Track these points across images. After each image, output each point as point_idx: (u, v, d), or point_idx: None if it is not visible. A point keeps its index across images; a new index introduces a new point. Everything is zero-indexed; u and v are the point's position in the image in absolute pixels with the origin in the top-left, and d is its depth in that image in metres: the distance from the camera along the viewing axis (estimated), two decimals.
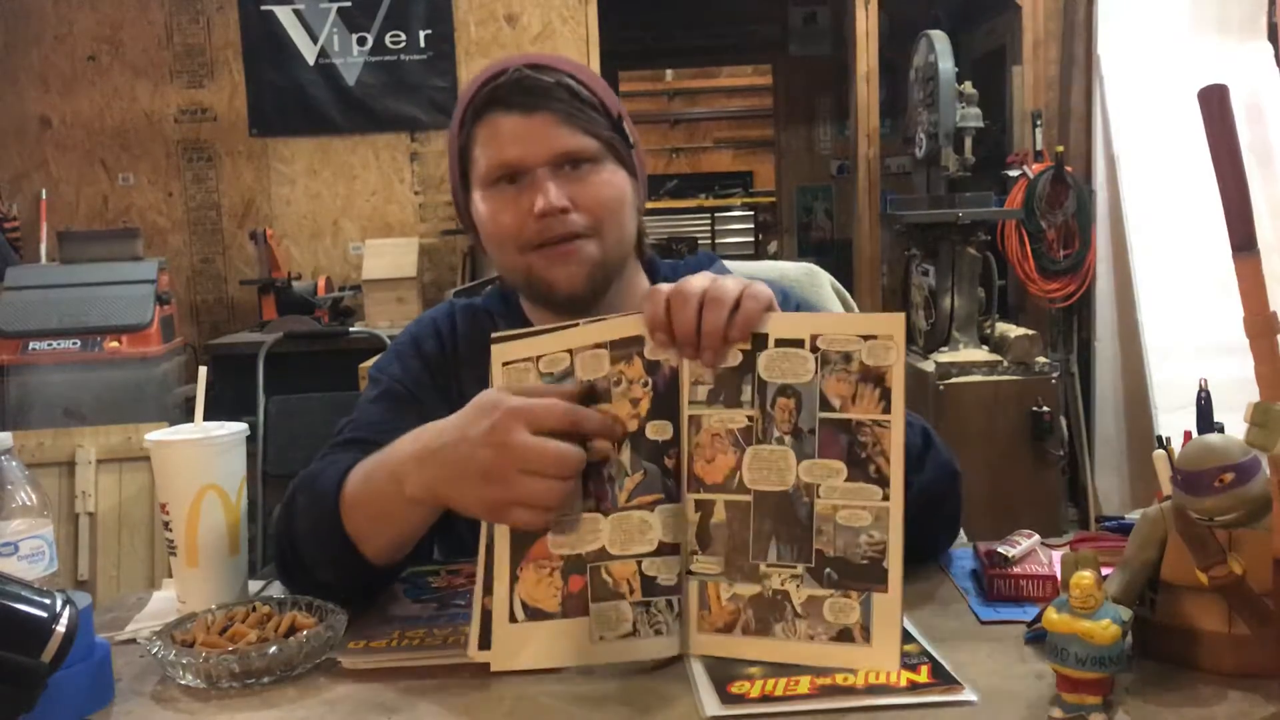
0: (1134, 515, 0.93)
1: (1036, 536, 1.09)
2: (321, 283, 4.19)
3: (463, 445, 0.87)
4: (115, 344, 3.60)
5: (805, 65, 6.20)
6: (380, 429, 1.14)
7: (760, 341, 0.87)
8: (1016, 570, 1.00)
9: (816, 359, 0.86)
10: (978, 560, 1.05)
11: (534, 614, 0.87)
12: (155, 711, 0.85)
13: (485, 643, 0.88)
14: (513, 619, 0.87)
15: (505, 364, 0.92)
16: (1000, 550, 1.02)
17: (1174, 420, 3.51)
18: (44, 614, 0.73)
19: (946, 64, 3.79)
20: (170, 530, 1.05)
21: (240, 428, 1.07)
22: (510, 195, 1.13)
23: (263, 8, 4.37)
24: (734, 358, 0.88)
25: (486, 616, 0.88)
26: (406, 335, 1.28)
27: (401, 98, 4.41)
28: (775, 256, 6.88)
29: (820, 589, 0.85)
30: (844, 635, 0.84)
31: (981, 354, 3.68)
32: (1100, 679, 0.74)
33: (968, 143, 3.83)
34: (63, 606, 0.74)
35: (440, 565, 1.15)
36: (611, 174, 1.15)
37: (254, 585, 1.12)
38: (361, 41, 4.39)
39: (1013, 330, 3.73)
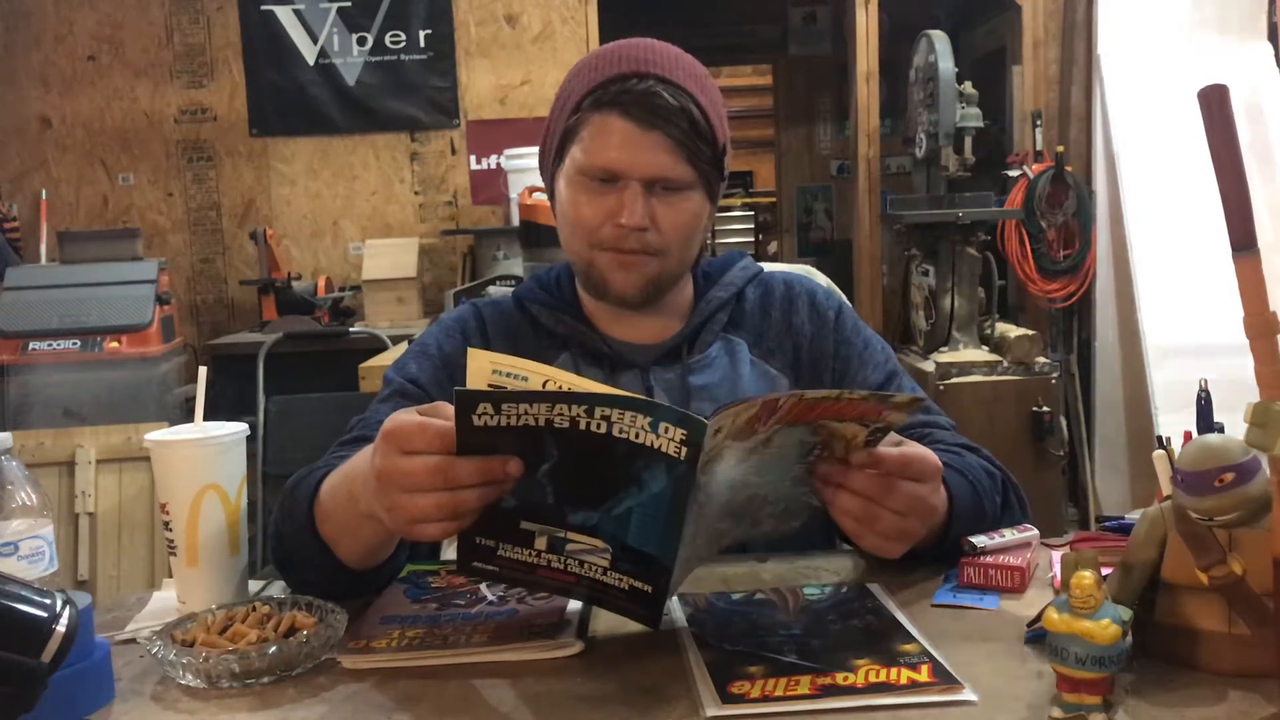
0: (1134, 515, 0.93)
1: (1034, 531, 1.10)
2: (321, 283, 4.19)
3: (369, 471, 0.88)
4: (115, 344, 3.60)
5: (805, 65, 6.20)
6: None
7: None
8: (987, 560, 1.02)
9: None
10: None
11: None
12: (155, 711, 0.85)
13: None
14: None
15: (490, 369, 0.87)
16: (972, 539, 1.04)
17: (1174, 420, 3.51)
18: (44, 614, 0.73)
19: (946, 64, 3.79)
20: (170, 530, 1.05)
21: (240, 428, 1.07)
22: (598, 192, 1.17)
23: (263, 8, 4.37)
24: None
25: None
26: (427, 336, 1.29)
27: (401, 98, 4.42)
28: (775, 257, 6.88)
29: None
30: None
31: (981, 354, 3.68)
32: (1100, 679, 0.74)
33: (968, 143, 3.83)
34: (63, 606, 0.74)
35: (440, 565, 1.15)
36: (694, 202, 1.19)
37: (254, 585, 1.12)
38: (361, 41, 4.39)
39: (1013, 330, 3.73)
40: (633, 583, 0.87)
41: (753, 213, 8.61)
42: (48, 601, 0.74)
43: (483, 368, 0.85)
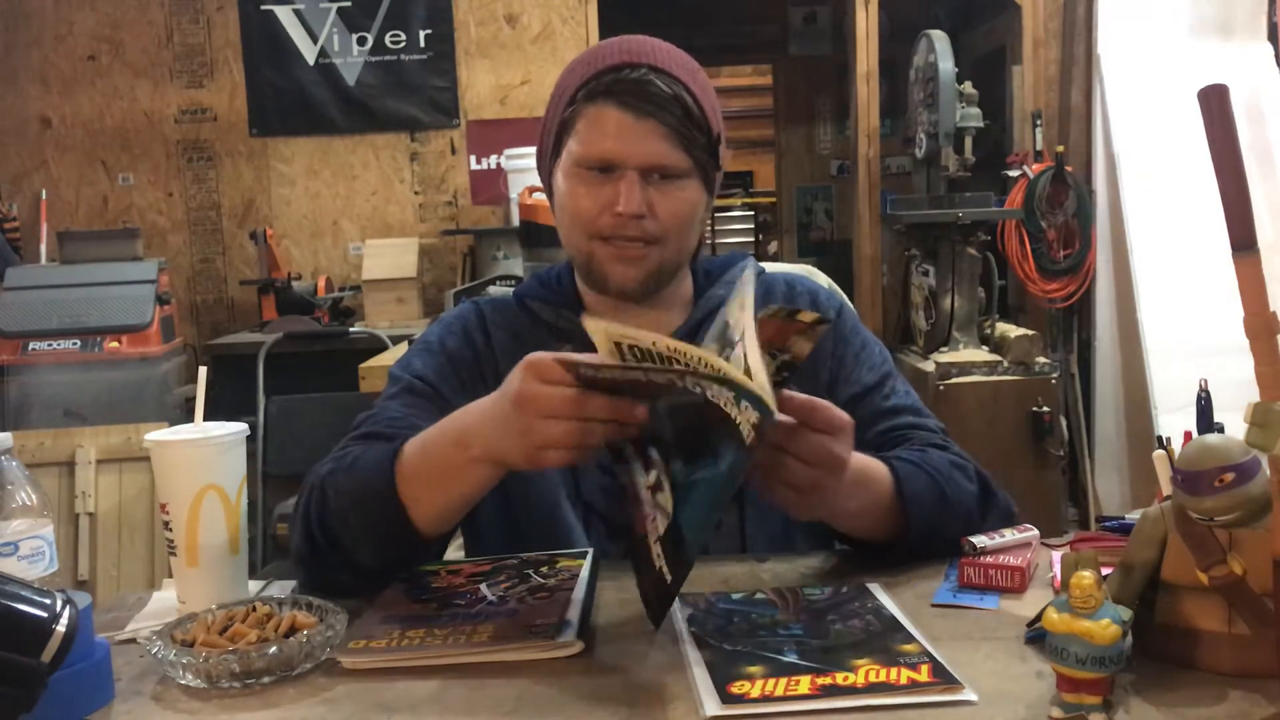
0: (1134, 515, 0.93)
1: (1034, 531, 1.10)
2: (321, 283, 4.19)
3: (500, 403, 0.94)
4: (115, 344, 3.60)
5: (805, 65, 6.20)
6: (399, 424, 1.15)
7: None
8: (987, 560, 1.02)
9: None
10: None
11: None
12: (155, 711, 0.85)
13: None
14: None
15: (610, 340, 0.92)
16: (973, 540, 1.04)
17: (1174, 420, 3.51)
18: (44, 614, 0.73)
19: (946, 64, 3.79)
20: (170, 530, 1.05)
21: (240, 428, 1.07)
22: (596, 183, 1.17)
23: (263, 8, 4.37)
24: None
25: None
26: (431, 334, 1.30)
27: (401, 98, 4.42)
28: (775, 257, 6.88)
29: None
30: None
31: (981, 354, 3.68)
32: (1100, 679, 0.74)
33: (968, 143, 3.83)
34: (63, 606, 0.74)
35: (441, 565, 1.15)
36: (692, 191, 1.19)
37: (254, 585, 1.12)
38: (361, 41, 4.39)
39: (1013, 330, 3.73)
40: (663, 565, 0.89)
41: (753, 213, 8.62)
42: (48, 601, 0.74)
43: (603, 338, 0.90)
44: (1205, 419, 1.04)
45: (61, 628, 0.73)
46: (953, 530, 1.09)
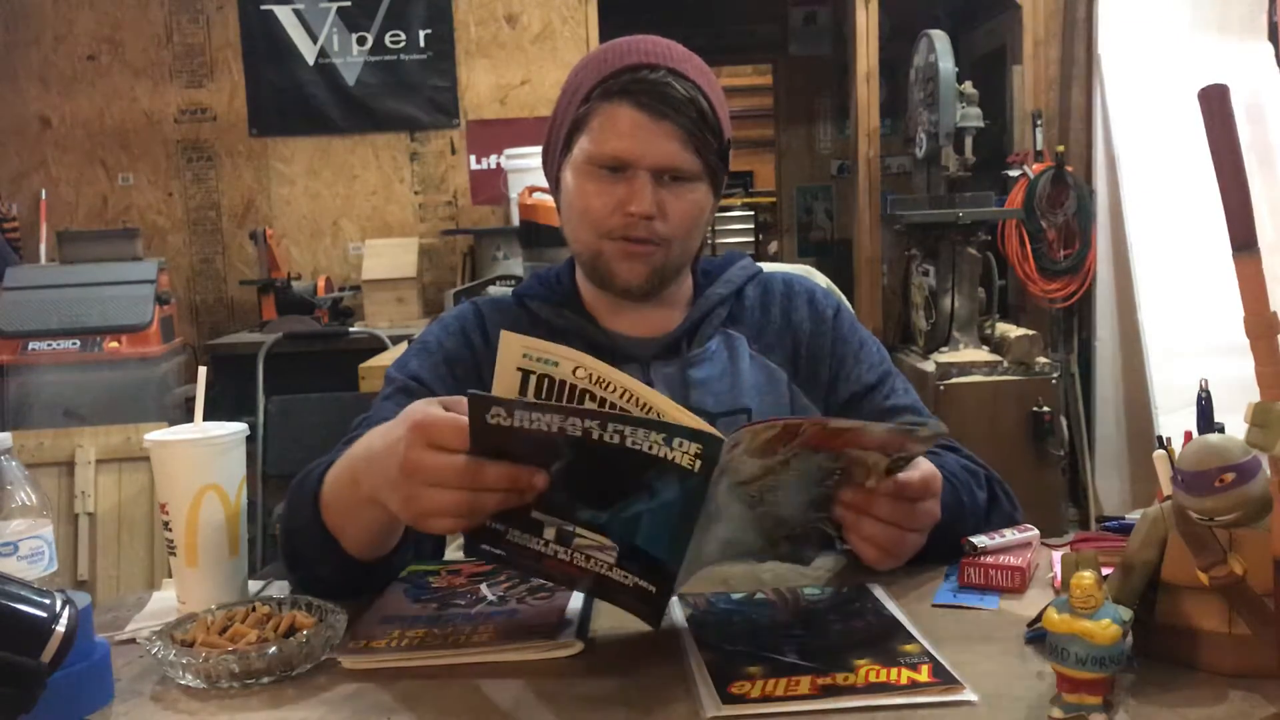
0: (1134, 515, 0.93)
1: (1034, 531, 1.10)
2: (321, 283, 4.19)
3: (384, 456, 0.88)
4: (115, 344, 3.60)
5: (805, 65, 6.21)
6: None
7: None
8: (987, 560, 1.02)
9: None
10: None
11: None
12: (155, 711, 0.84)
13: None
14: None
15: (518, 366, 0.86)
16: (973, 540, 1.04)
17: (1174, 420, 3.52)
18: (44, 614, 0.73)
19: (946, 64, 3.80)
20: (170, 530, 1.05)
21: (240, 428, 1.07)
22: (606, 182, 1.17)
23: (262, 7, 4.37)
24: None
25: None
26: (428, 334, 1.30)
27: (401, 98, 4.42)
28: (775, 257, 6.87)
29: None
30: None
31: (982, 354, 3.68)
32: (1100, 679, 0.74)
33: (968, 143, 3.84)
34: (62, 606, 0.74)
35: (441, 565, 1.15)
36: (700, 194, 1.20)
37: (254, 585, 1.12)
38: (361, 41, 4.39)
39: (1013, 330, 3.73)
40: (638, 581, 0.87)
41: (753, 213, 8.61)
42: (47, 601, 0.74)
43: (514, 351, 0.85)
44: (1205, 419, 1.04)
45: (61, 628, 0.73)
46: (958, 534, 1.09)
